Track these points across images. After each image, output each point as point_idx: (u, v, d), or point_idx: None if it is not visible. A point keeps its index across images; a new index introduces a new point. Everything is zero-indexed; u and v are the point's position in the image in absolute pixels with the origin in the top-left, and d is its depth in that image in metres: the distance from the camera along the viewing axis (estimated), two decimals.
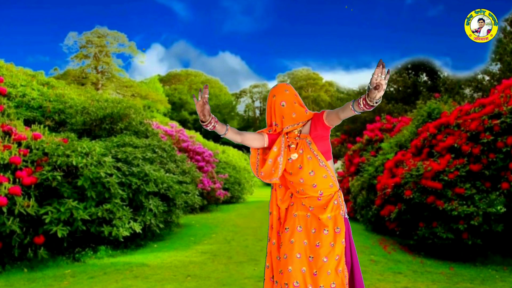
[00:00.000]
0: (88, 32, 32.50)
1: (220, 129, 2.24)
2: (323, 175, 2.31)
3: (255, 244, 6.50)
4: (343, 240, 2.29)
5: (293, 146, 2.36)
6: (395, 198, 6.18)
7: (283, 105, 2.36)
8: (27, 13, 51.85)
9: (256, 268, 4.86)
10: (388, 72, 1.79)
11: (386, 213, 6.31)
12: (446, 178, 5.41)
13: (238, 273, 4.65)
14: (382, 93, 1.82)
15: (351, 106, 2.02)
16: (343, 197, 2.44)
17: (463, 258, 5.42)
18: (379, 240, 6.70)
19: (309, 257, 2.29)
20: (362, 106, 1.92)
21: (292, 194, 2.44)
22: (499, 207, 5.27)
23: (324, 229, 2.29)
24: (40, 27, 54.32)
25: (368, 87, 1.84)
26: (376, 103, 1.88)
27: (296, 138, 2.37)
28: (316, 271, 2.25)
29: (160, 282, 4.25)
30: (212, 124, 2.20)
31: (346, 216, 2.39)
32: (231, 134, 2.31)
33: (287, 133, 2.40)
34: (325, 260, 2.24)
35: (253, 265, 5.02)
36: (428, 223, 5.52)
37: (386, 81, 1.80)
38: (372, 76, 1.79)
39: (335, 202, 2.35)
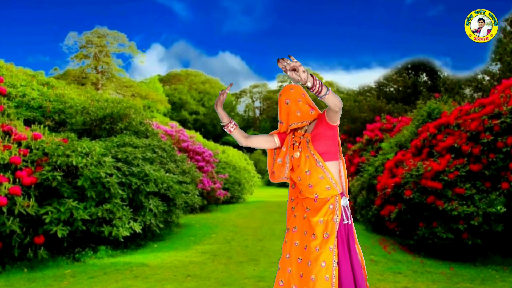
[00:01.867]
0: (88, 32, 32.50)
1: (228, 124, 2.39)
2: (319, 176, 2.28)
3: (255, 244, 6.49)
4: (331, 246, 2.20)
5: (296, 144, 2.39)
6: (395, 198, 6.18)
7: (287, 103, 2.39)
8: (27, 13, 51.89)
9: (256, 268, 4.86)
10: (289, 56, 1.88)
11: (386, 213, 6.31)
12: (446, 178, 5.41)
13: (238, 273, 4.65)
14: (304, 73, 1.86)
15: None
16: (347, 202, 2.33)
17: (463, 258, 5.42)
18: (379, 240, 6.70)
19: (298, 258, 2.32)
20: (314, 93, 1.98)
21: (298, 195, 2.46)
22: (499, 207, 5.27)
23: (313, 233, 2.26)
24: (40, 27, 54.37)
25: (291, 78, 1.91)
26: (313, 86, 1.92)
27: (301, 137, 2.39)
28: (302, 274, 2.27)
29: (160, 282, 4.25)
30: (229, 127, 2.39)
31: (349, 222, 2.30)
32: (237, 134, 2.41)
33: (294, 132, 2.44)
34: (309, 264, 2.22)
35: (253, 265, 5.02)
36: (428, 223, 5.52)
37: (295, 62, 1.86)
38: (283, 70, 1.89)
39: (331, 207, 2.28)
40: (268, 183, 31.29)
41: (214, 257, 5.51)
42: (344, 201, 2.32)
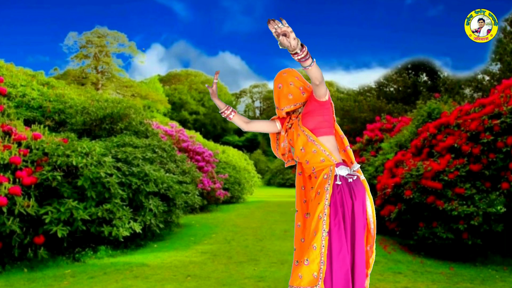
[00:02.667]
0: (88, 32, 32.51)
1: (225, 111, 2.48)
2: (312, 150, 2.29)
3: (255, 244, 6.50)
4: (321, 214, 2.14)
5: (289, 126, 2.46)
6: (395, 198, 6.18)
7: (279, 87, 2.43)
8: (27, 13, 51.91)
9: (256, 268, 4.86)
10: (280, 19, 1.81)
11: (386, 213, 6.31)
12: (446, 178, 5.41)
13: (238, 273, 4.65)
14: (294, 40, 1.82)
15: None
16: (347, 170, 2.26)
17: (463, 258, 5.42)
18: (379, 240, 6.70)
19: (301, 239, 2.36)
20: (298, 61, 1.95)
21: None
22: (499, 207, 5.27)
23: (307, 213, 2.33)
24: (40, 27, 54.38)
25: (279, 42, 1.86)
26: (301, 53, 1.88)
27: (294, 118, 2.45)
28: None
29: (160, 282, 4.25)
30: (227, 113, 2.48)
31: (358, 177, 2.25)
32: (237, 120, 2.49)
33: (291, 116, 2.48)
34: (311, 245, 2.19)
35: (253, 265, 5.02)
36: (428, 223, 5.52)
37: (287, 26, 1.80)
38: (273, 32, 1.82)
39: (325, 176, 2.25)
40: (268, 183, 31.29)
41: (214, 257, 5.51)
42: (343, 170, 2.26)
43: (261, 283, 4.19)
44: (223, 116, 2.50)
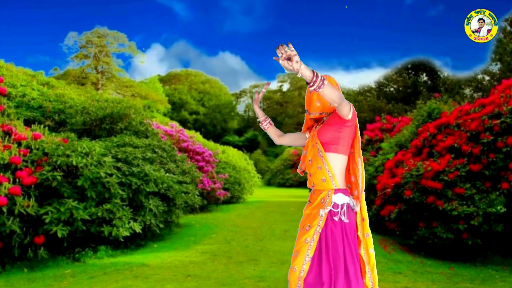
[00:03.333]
0: (88, 32, 32.55)
1: (263, 121, 2.53)
2: (318, 166, 2.25)
3: (255, 244, 6.49)
4: (308, 238, 2.15)
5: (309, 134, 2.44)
6: (395, 198, 6.18)
7: (311, 91, 2.36)
8: (27, 13, 51.90)
9: (256, 268, 4.86)
10: (288, 43, 1.82)
11: (386, 213, 6.31)
12: (446, 178, 5.41)
13: (238, 273, 4.65)
14: (297, 63, 1.81)
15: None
16: (346, 200, 2.21)
17: (463, 258, 5.42)
18: (379, 240, 6.70)
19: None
20: (308, 85, 1.93)
21: None
22: (499, 207, 5.27)
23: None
24: (40, 27, 54.37)
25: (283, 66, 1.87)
26: (309, 78, 1.87)
27: (316, 127, 2.41)
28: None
29: (160, 282, 4.25)
30: (264, 124, 2.52)
31: (342, 219, 2.19)
32: (271, 131, 2.54)
33: (316, 125, 2.45)
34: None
35: (253, 265, 5.02)
36: (428, 223, 5.52)
37: (292, 50, 1.81)
38: (280, 57, 1.82)
39: (322, 201, 2.21)
40: (268, 183, 31.27)
41: (214, 257, 5.50)
42: (340, 198, 2.20)
43: (261, 283, 4.19)
44: (260, 126, 2.53)
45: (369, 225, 2.43)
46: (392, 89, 20.60)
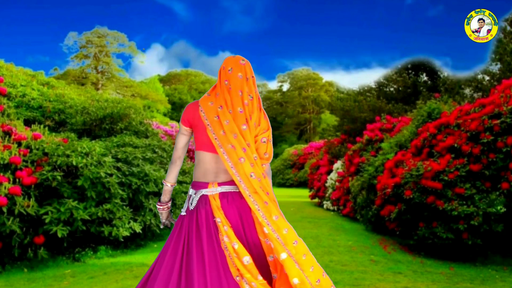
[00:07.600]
0: (88, 32, 32.57)
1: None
2: None
3: None
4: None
5: None
6: (395, 198, 6.17)
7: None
8: (27, 13, 51.79)
9: None
10: None
11: (386, 213, 6.31)
12: (446, 178, 5.41)
13: None
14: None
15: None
16: (195, 192, 2.11)
17: (463, 258, 5.42)
18: (379, 240, 6.69)
19: None
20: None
21: None
22: (499, 207, 5.27)
23: None
24: (40, 27, 54.24)
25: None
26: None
27: None
28: None
29: None
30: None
31: (182, 213, 2.15)
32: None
33: None
34: None
35: None
36: (428, 223, 5.52)
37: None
38: None
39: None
40: None
41: None
42: (192, 191, 2.12)
43: None
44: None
45: (369, 225, 2.40)
46: (392, 89, 20.58)
